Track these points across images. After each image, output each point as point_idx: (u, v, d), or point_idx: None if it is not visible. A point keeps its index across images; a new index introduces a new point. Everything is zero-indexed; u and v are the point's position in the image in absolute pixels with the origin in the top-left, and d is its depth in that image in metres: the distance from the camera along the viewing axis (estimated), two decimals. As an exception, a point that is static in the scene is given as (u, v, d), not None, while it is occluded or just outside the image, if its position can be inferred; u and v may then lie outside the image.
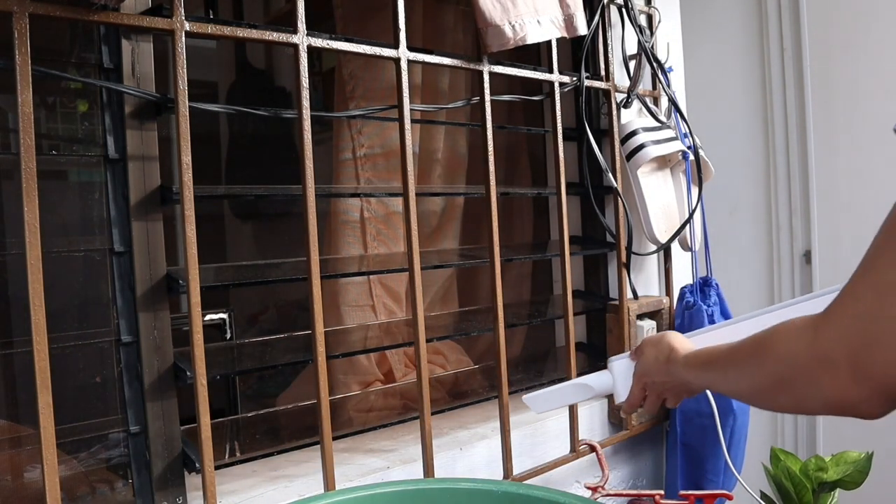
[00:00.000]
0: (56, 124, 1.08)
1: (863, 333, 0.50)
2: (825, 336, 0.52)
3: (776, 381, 0.58)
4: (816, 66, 1.80)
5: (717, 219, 1.78)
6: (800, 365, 0.55)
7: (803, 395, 0.55)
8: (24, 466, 0.94)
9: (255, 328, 2.30)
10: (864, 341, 0.49)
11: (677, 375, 0.82)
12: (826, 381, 0.52)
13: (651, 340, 0.89)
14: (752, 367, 0.62)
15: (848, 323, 0.51)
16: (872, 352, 0.49)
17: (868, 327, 0.49)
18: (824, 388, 0.52)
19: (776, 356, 0.58)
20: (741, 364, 0.65)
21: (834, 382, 0.51)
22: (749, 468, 1.45)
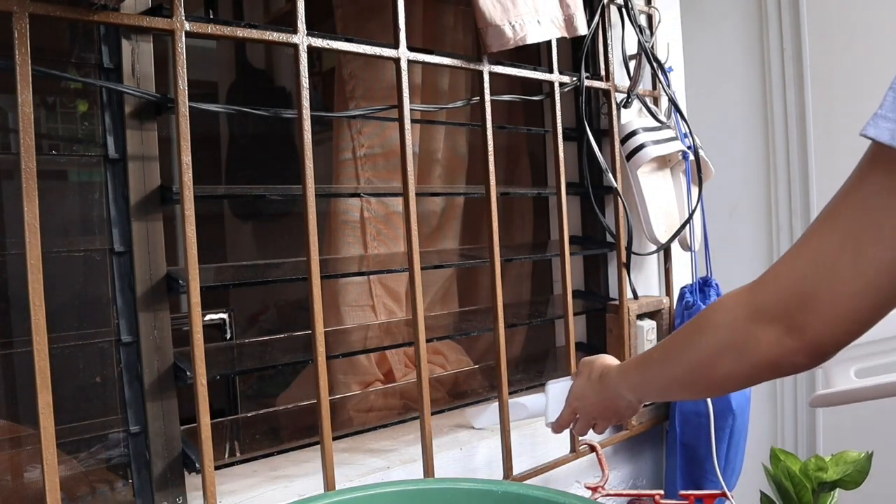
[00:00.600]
0: (56, 124, 1.08)
1: (798, 294, 0.55)
2: (762, 297, 0.58)
3: (717, 348, 0.63)
4: (816, 66, 1.80)
5: (717, 219, 1.78)
6: (739, 327, 0.60)
7: (742, 355, 0.60)
8: (24, 466, 0.94)
9: (255, 328, 2.30)
10: (799, 301, 0.55)
11: (611, 388, 0.86)
12: (764, 338, 0.58)
13: (586, 361, 0.94)
14: (692, 343, 0.66)
15: (784, 285, 0.56)
16: (805, 310, 0.55)
17: (802, 289, 0.55)
18: (762, 344, 0.58)
19: (715, 325, 0.63)
20: (680, 345, 0.69)
21: (771, 338, 0.57)
22: (749, 468, 1.45)
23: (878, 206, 0.51)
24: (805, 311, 0.55)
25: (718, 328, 0.63)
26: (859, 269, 0.52)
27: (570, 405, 0.95)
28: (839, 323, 0.54)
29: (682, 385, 0.72)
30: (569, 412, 0.96)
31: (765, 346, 0.58)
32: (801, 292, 0.55)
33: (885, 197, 0.50)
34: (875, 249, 0.51)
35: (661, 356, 0.75)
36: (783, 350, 0.57)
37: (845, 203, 0.54)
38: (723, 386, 0.67)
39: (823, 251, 0.54)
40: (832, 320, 0.54)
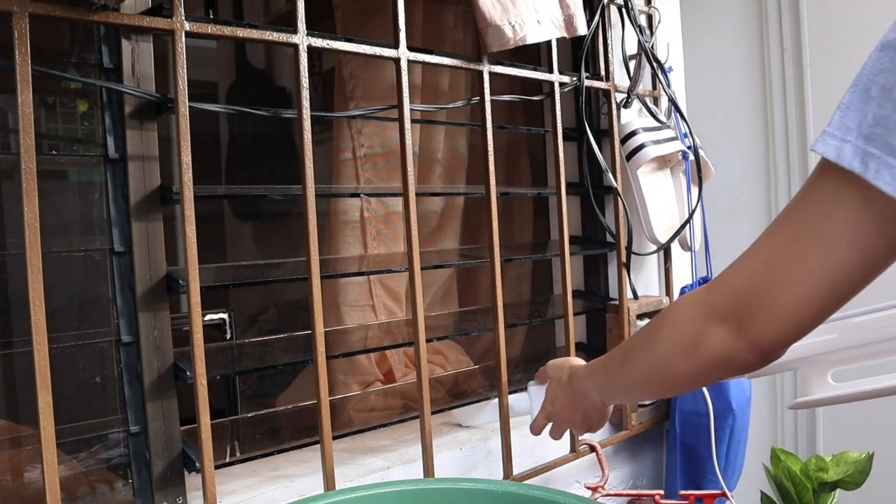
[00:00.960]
0: (56, 124, 1.08)
1: (746, 296, 0.59)
2: (715, 297, 0.62)
3: (673, 346, 0.66)
4: (816, 66, 1.80)
5: (717, 219, 1.78)
6: (693, 325, 0.63)
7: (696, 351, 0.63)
8: (24, 466, 0.94)
9: (255, 328, 2.30)
10: (747, 303, 0.59)
11: (579, 389, 0.88)
12: (715, 335, 0.61)
13: (555, 364, 0.96)
14: (651, 341, 0.70)
15: (736, 286, 0.60)
16: (753, 312, 0.58)
17: (751, 292, 0.58)
18: (713, 342, 0.61)
19: (672, 323, 0.67)
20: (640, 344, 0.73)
21: (722, 336, 0.61)
22: (749, 468, 1.45)
23: (819, 213, 0.54)
24: (752, 312, 0.58)
25: (674, 326, 0.66)
26: (800, 273, 0.55)
27: (545, 409, 0.97)
28: (782, 324, 0.57)
29: (643, 383, 0.75)
30: (542, 416, 0.98)
31: (715, 343, 0.61)
32: (749, 293, 0.58)
33: (825, 206, 0.54)
34: (815, 255, 0.54)
35: (623, 355, 0.77)
36: (732, 347, 0.60)
37: (793, 210, 0.57)
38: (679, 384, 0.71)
39: (771, 255, 0.57)
40: (776, 321, 0.57)
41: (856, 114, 0.52)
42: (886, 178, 0.49)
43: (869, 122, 0.51)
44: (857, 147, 0.51)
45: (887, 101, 0.50)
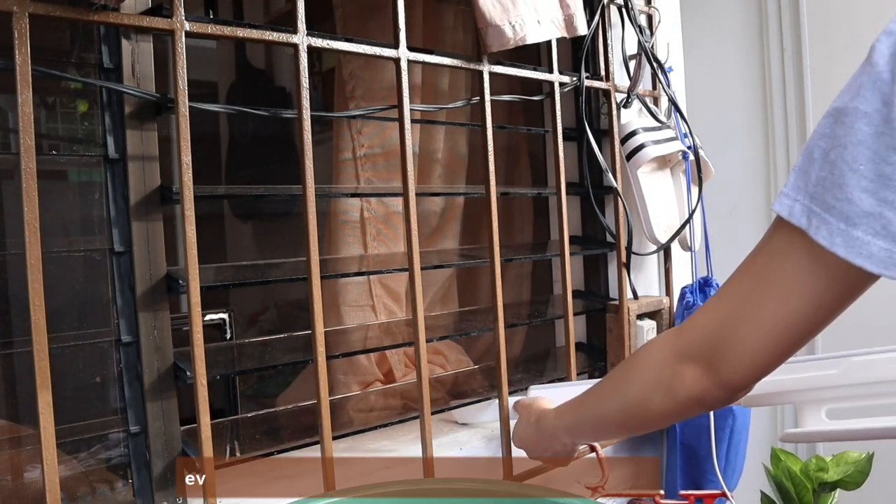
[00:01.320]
0: (56, 124, 1.08)
1: (714, 340, 0.64)
2: (686, 340, 0.67)
3: (648, 387, 0.71)
4: (816, 66, 1.80)
5: (717, 219, 1.78)
6: (667, 366, 0.68)
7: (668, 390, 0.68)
8: (24, 466, 0.94)
9: (255, 328, 2.29)
10: (714, 344, 0.64)
11: (548, 430, 0.93)
12: (688, 375, 0.66)
13: (523, 404, 1.02)
14: (625, 383, 0.75)
15: (703, 329, 0.65)
16: (720, 353, 0.64)
17: (716, 334, 0.64)
18: (686, 382, 0.66)
19: (645, 365, 0.72)
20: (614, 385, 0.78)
21: (693, 376, 0.66)
22: (749, 468, 1.45)
23: (775, 266, 0.60)
24: (719, 353, 0.64)
25: (648, 368, 0.71)
26: (759, 320, 0.61)
27: (515, 444, 1.03)
28: (746, 365, 0.63)
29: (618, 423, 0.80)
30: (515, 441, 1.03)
31: (689, 383, 0.66)
32: (716, 337, 0.64)
33: (779, 259, 0.59)
34: (772, 303, 0.60)
35: (595, 397, 0.82)
36: (704, 386, 0.66)
37: (753, 261, 0.62)
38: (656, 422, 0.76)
39: (734, 302, 0.63)
40: (740, 363, 0.63)
41: (803, 175, 0.57)
42: (824, 233, 0.55)
43: (813, 182, 0.56)
44: (804, 205, 0.56)
45: (825, 164, 0.55)
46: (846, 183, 0.54)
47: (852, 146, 0.54)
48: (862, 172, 0.53)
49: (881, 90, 0.53)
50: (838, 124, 0.55)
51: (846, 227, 0.54)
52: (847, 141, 0.54)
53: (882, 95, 0.53)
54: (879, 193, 0.53)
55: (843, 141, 0.54)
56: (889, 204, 0.53)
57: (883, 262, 0.53)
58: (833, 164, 0.55)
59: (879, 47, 0.55)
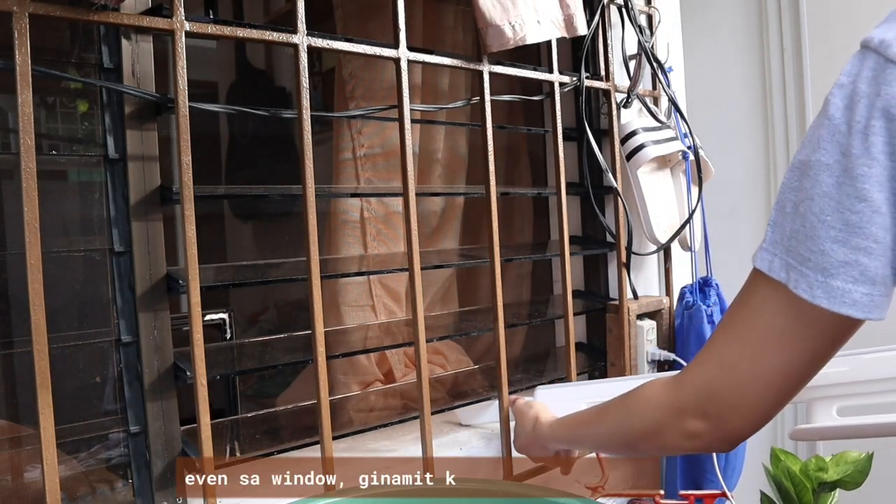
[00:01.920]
0: (56, 124, 1.08)
1: (708, 395, 0.66)
2: (682, 396, 0.69)
3: (644, 431, 0.73)
4: (816, 66, 1.80)
5: (717, 219, 1.78)
6: (664, 419, 0.70)
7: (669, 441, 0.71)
8: (24, 466, 0.94)
9: (255, 328, 2.29)
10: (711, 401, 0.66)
11: (543, 440, 0.97)
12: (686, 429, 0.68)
13: (520, 407, 1.05)
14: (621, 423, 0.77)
15: (698, 387, 0.67)
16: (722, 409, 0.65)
17: (712, 390, 0.65)
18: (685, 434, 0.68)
19: (642, 415, 0.73)
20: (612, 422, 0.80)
21: (691, 429, 0.68)
22: (749, 468, 1.45)
23: (763, 321, 0.61)
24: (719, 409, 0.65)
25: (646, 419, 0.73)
26: (756, 374, 0.62)
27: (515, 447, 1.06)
28: (746, 418, 0.65)
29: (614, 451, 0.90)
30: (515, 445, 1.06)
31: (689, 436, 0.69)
32: (712, 394, 0.65)
33: (765, 314, 0.61)
34: (767, 357, 0.61)
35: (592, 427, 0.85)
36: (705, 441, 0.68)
37: (739, 315, 0.64)
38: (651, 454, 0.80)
39: (726, 358, 0.64)
40: (740, 417, 0.65)
41: (779, 229, 0.59)
42: (804, 286, 0.56)
43: (787, 235, 0.58)
44: (782, 259, 0.58)
45: (797, 217, 0.57)
46: (817, 235, 0.55)
47: (818, 198, 0.55)
48: (830, 223, 0.55)
49: (839, 142, 0.55)
50: (804, 177, 0.57)
51: (824, 279, 0.55)
52: (813, 193, 0.55)
53: (840, 146, 0.54)
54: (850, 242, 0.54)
55: (809, 193, 0.56)
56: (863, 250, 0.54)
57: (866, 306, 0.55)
58: (803, 216, 0.56)
59: (834, 101, 0.56)
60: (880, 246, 0.54)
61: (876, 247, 0.54)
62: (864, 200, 0.53)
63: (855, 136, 0.54)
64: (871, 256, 0.54)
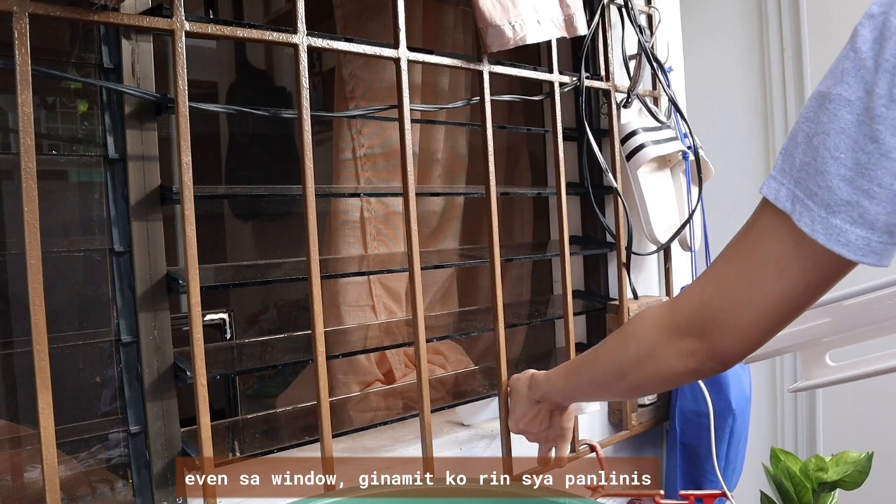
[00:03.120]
0: (56, 124, 1.08)
1: (705, 316, 0.67)
2: (679, 316, 0.70)
3: (641, 358, 0.74)
4: (816, 66, 1.80)
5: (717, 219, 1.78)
6: (662, 339, 0.71)
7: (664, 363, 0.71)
8: (24, 466, 0.94)
9: (255, 328, 2.30)
10: (707, 321, 0.67)
11: (538, 393, 0.96)
12: (683, 349, 0.69)
13: (515, 377, 1.05)
14: (619, 353, 0.77)
15: (695, 307, 0.68)
16: (713, 330, 0.66)
17: (709, 312, 0.66)
18: (680, 353, 0.69)
19: (639, 338, 0.74)
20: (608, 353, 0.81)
21: (689, 349, 0.69)
22: (749, 468, 1.45)
23: (764, 248, 0.61)
24: (713, 330, 0.66)
25: (643, 341, 0.73)
26: (752, 298, 0.63)
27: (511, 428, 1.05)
28: (739, 340, 0.66)
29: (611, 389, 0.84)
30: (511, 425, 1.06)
31: (684, 356, 0.69)
32: (708, 314, 0.66)
33: (768, 241, 0.61)
34: (763, 282, 0.62)
35: (589, 364, 0.86)
36: (700, 359, 0.69)
37: (742, 241, 0.64)
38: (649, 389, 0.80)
39: (724, 281, 0.65)
40: (733, 338, 0.66)
41: (788, 158, 0.58)
42: (806, 220, 0.56)
43: (797, 167, 0.57)
44: (789, 190, 0.58)
45: (809, 149, 0.56)
46: (827, 170, 0.54)
47: (835, 133, 0.54)
48: (842, 161, 0.53)
49: (864, 78, 0.53)
50: (822, 110, 0.55)
51: (826, 215, 0.55)
52: (830, 128, 0.54)
53: (864, 83, 0.53)
54: (856, 182, 0.53)
55: (826, 128, 0.55)
56: (865, 192, 0.53)
57: (861, 249, 0.54)
58: (816, 150, 0.55)
59: (862, 32, 0.54)
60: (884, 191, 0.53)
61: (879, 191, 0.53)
62: (875, 142, 0.52)
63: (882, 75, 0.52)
64: (872, 200, 0.53)
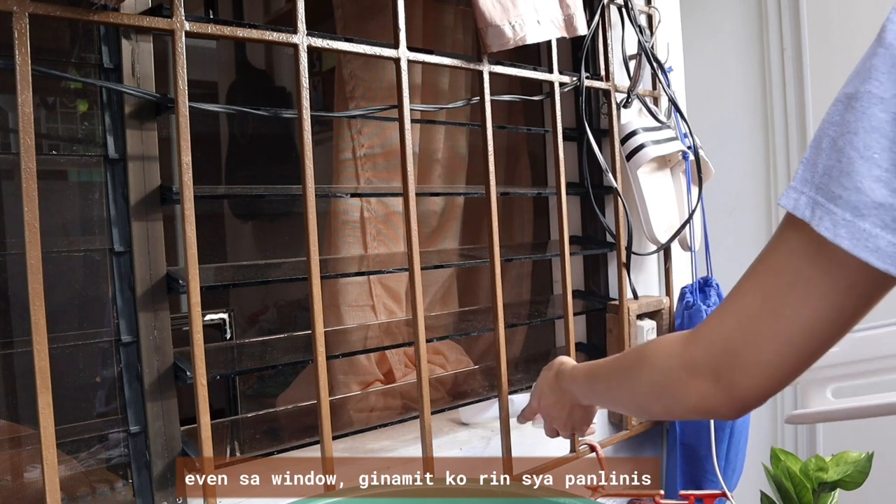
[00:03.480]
0: (56, 124, 1.08)
1: (723, 352, 0.60)
2: (695, 351, 0.63)
3: (654, 390, 0.68)
4: (816, 66, 1.80)
5: (717, 219, 1.78)
6: (674, 376, 0.64)
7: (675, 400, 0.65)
8: (24, 466, 0.94)
9: (255, 328, 2.30)
10: (725, 359, 0.59)
11: (564, 386, 0.92)
12: (695, 389, 0.62)
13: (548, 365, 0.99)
14: (633, 378, 0.72)
15: (713, 341, 0.61)
16: (732, 369, 0.59)
17: (728, 347, 0.59)
18: (691, 394, 0.63)
19: (652, 366, 0.68)
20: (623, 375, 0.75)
21: (699, 389, 0.62)
22: (749, 468, 1.45)
23: (790, 268, 0.55)
24: (731, 369, 0.59)
25: (656, 372, 0.67)
26: (777, 328, 0.56)
27: (531, 405, 1.01)
28: (761, 379, 0.58)
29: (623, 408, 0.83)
30: (530, 409, 1.02)
31: (696, 396, 0.63)
32: (728, 350, 0.59)
33: (795, 260, 0.55)
34: (790, 309, 0.55)
35: (606, 378, 0.81)
36: (712, 403, 0.62)
37: (763, 265, 0.58)
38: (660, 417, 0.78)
39: (745, 311, 0.58)
40: (755, 377, 0.58)
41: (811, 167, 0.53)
42: (827, 224, 0.51)
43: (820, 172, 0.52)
44: (809, 197, 0.53)
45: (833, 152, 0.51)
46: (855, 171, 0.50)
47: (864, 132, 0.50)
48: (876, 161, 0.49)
49: None
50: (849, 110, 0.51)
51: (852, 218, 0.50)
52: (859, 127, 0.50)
53: None
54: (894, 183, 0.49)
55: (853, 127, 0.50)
56: None
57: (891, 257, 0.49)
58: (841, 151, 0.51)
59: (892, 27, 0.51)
60: None
61: None
62: None
63: None
64: None
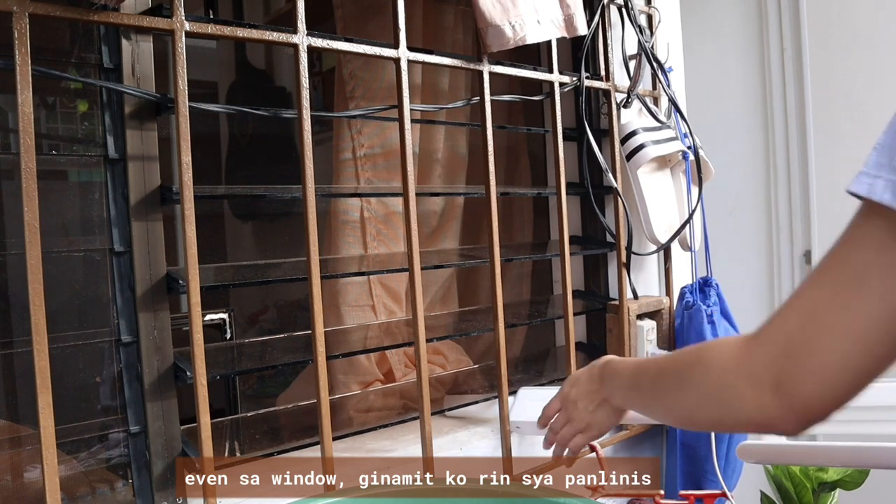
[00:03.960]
0: (56, 124, 1.08)
1: (786, 357, 0.53)
2: (754, 356, 0.55)
3: (705, 397, 0.61)
4: (816, 66, 1.80)
5: (717, 219, 1.78)
6: (728, 379, 0.57)
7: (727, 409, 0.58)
8: (24, 466, 0.94)
9: (255, 328, 2.30)
10: (788, 365, 0.53)
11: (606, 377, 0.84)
12: (750, 397, 0.55)
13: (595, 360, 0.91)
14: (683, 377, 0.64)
15: (775, 345, 0.54)
16: (794, 375, 0.52)
17: (791, 352, 0.53)
18: (747, 403, 0.56)
19: (706, 367, 0.61)
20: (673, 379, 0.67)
21: (757, 399, 0.55)
22: (749, 468, 1.45)
23: (863, 259, 0.50)
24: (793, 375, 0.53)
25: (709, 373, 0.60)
26: (847, 324, 0.50)
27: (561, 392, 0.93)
28: (828, 384, 0.52)
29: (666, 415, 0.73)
30: (557, 400, 0.94)
31: (751, 406, 0.56)
32: (789, 351, 0.53)
33: (868, 251, 0.50)
34: (862, 303, 0.50)
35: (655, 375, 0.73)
36: (771, 415, 0.55)
37: (834, 257, 0.52)
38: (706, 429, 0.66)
39: (813, 306, 0.52)
40: (819, 384, 0.52)
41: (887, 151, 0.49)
42: None
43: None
44: (888, 180, 0.48)
45: None
46: None
47: None
48: None
49: None
50: None
51: None
52: None
53: None
54: None
55: None
56: None
57: None
58: None
59: None
60: None
61: None
62: None
63: None
64: None
